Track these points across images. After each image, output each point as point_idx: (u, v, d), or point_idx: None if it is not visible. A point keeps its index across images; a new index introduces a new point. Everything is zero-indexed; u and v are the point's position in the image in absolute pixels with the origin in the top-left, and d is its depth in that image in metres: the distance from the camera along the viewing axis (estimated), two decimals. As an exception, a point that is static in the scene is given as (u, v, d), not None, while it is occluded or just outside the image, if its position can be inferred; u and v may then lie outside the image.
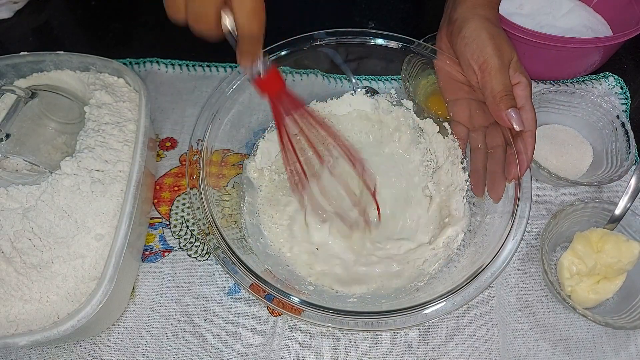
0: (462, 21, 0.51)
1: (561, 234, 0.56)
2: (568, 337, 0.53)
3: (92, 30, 0.77)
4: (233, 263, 0.45)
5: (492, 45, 0.49)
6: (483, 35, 0.50)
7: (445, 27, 0.55)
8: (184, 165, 0.62)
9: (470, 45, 0.50)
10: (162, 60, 0.70)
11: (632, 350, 0.52)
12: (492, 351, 0.52)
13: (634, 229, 0.55)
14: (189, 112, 0.66)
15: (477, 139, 0.54)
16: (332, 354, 0.51)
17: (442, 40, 0.56)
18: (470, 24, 0.51)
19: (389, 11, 0.79)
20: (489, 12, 0.52)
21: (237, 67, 0.54)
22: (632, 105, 0.68)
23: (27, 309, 0.46)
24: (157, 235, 0.58)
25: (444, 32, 0.55)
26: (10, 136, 0.51)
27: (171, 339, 0.52)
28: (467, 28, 0.51)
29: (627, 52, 0.74)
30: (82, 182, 0.49)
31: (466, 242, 0.53)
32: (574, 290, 0.52)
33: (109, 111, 0.54)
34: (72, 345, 0.51)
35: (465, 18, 0.51)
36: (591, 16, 0.73)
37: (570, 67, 0.69)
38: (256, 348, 0.51)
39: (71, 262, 0.47)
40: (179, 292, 0.54)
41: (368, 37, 0.57)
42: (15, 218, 0.48)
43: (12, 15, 0.76)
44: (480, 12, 0.51)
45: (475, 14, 0.51)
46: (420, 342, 0.52)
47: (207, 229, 0.47)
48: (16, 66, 0.58)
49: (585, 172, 0.62)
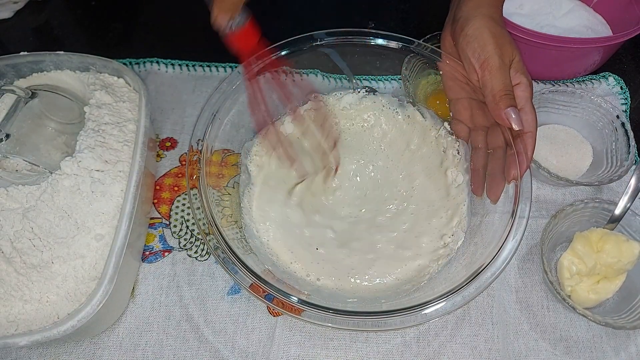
0: (465, 20, 0.51)
1: (561, 234, 0.56)
2: (568, 337, 0.53)
3: (92, 30, 0.77)
4: (233, 263, 0.45)
5: (493, 44, 0.49)
6: (485, 34, 0.49)
7: (449, 25, 0.55)
8: (184, 165, 0.62)
9: (471, 43, 0.50)
10: (162, 60, 0.70)
11: (632, 350, 0.52)
12: (492, 351, 0.52)
13: (634, 229, 0.55)
14: (189, 112, 0.66)
15: (478, 138, 0.54)
16: (332, 354, 0.51)
17: (446, 39, 0.56)
18: (473, 22, 0.50)
19: (389, 11, 0.79)
20: (493, 11, 0.51)
21: (237, 67, 0.54)
22: (632, 105, 0.68)
23: (27, 309, 0.46)
24: (157, 235, 0.58)
25: (448, 30, 0.55)
26: (10, 136, 0.51)
27: (171, 339, 0.52)
28: (469, 26, 0.50)
29: (627, 52, 0.74)
30: (82, 182, 0.49)
31: (466, 242, 0.53)
32: (574, 290, 0.52)
33: (109, 111, 0.54)
34: (72, 345, 0.51)
35: (468, 17, 0.51)
36: (591, 16, 0.73)
37: (570, 67, 0.69)
38: (256, 348, 0.51)
39: (71, 262, 0.47)
40: (179, 292, 0.54)
41: (368, 37, 0.57)
42: (15, 218, 0.48)
43: (12, 15, 0.76)
44: (484, 11, 0.51)
45: (479, 12, 0.51)
46: (420, 342, 0.52)
47: (207, 229, 0.47)
48: (16, 66, 0.58)
49: (585, 172, 0.62)
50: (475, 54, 0.50)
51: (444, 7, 0.58)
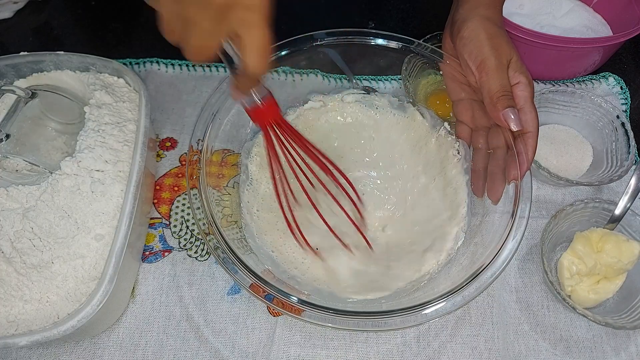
0: (461, 22, 0.51)
1: (561, 234, 0.56)
2: (568, 337, 0.53)
3: (92, 30, 0.77)
4: (233, 263, 0.45)
5: (489, 45, 0.49)
6: (481, 35, 0.49)
7: (448, 27, 0.55)
8: (184, 165, 0.62)
9: (467, 45, 0.50)
10: (162, 60, 0.70)
11: (632, 350, 0.52)
12: (492, 351, 0.52)
13: (634, 229, 0.55)
14: (189, 112, 0.66)
15: (479, 139, 0.54)
16: (332, 354, 0.51)
17: (446, 41, 0.56)
18: (469, 24, 0.50)
19: (389, 11, 0.79)
20: (491, 12, 0.51)
21: None
22: (632, 105, 0.68)
23: (27, 309, 0.46)
24: (157, 235, 0.58)
25: (448, 32, 0.55)
26: (10, 136, 0.51)
27: (171, 339, 0.52)
28: (465, 28, 0.51)
29: (627, 52, 0.74)
30: (82, 182, 0.49)
31: (466, 242, 0.53)
32: (574, 290, 0.52)
33: (109, 111, 0.54)
34: (72, 345, 0.51)
35: (464, 18, 0.51)
36: (591, 16, 0.73)
37: (570, 67, 0.69)
38: (256, 348, 0.51)
39: (71, 262, 0.47)
40: (179, 292, 0.54)
41: (368, 37, 0.57)
42: (15, 218, 0.48)
43: (12, 15, 0.76)
44: (481, 12, 0.51)
45: (476, 14, 0.51)
46: (420, 342, 0.52)
47: (207, 229, 0.47)
48: (16, 66, 0.58)
49: (585, 172, 0.62)
50: (471, 56, 0.50)
51: (444, 7, 0.58)
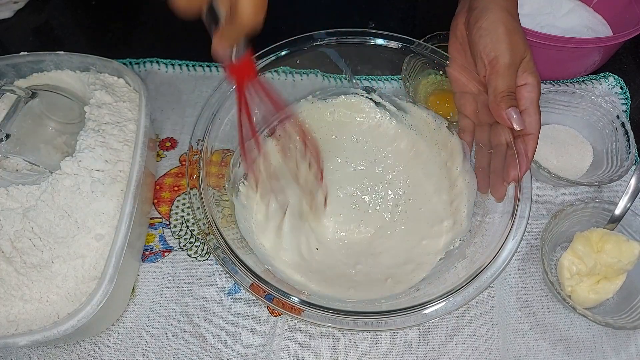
0: (480, 11, 0.50)
1: (561, 234, 0.56)
2: (568, 337, 0.53)
3: (92, 30, 0.77)
4: (233, 263, 0.45)
5: (506, 42, 0.48)
6: (500, 29, 0.48)
7: (464, 13, 0.53)
8: (184, 165, 0.62)
9: (484, 37, 0.49)
10: (162, 60, 0.70)
11: (632, 350, 0.52)
12: (492, 351, 0.52)
13: (634, 229, 0.55)
14: (189, 112, 0.66)
15: (482, 135, 0.54)
16: (332, 354, 0.51)
17: (457, 28, 0.54)
18: (488, 14, 0.49)
19: (389, 11, 0.79)
20: (510, 4, 0.50)
21: None
22: (632, 105, 0.68)
23: (27, 309, 0.46)
24: (157, 235, 0.58)
25: (462, 19, 0.53)
26: (10, 136, 0.51)
27: (171, 339, 0.52)
28: (484, 19, 0.49)
29: (627, 52, 0.74)
30: (82, 182, 0.49)
31: (466, 242, 0.53)
32: (574, 290, 0.52)
33: (109, 111, 0.54)
34: (72, 345, 0.51)
35: (485, 7, 0.49)
36: (591, 16, 0.73)
37: (570, 67, 0.69)
38: (256, 348, 0.51)
39: (71, 262, 0.47)
40: (179, 292, 0.54)
41: (368, 37, 0.57)
42: (16, 218, 0.48)
43: (12, 15, 0.76)
44: (502, 3, 0.49)
45: (496, 4, 0.49)
46: (420, 342, 0.52)
47: (207, 229, 0.47)
48: (16, 66, 0.58)
49: (586, 172, 0.62)
50: (486, 49, 0.48)
51: (444, 7, 0.58)
